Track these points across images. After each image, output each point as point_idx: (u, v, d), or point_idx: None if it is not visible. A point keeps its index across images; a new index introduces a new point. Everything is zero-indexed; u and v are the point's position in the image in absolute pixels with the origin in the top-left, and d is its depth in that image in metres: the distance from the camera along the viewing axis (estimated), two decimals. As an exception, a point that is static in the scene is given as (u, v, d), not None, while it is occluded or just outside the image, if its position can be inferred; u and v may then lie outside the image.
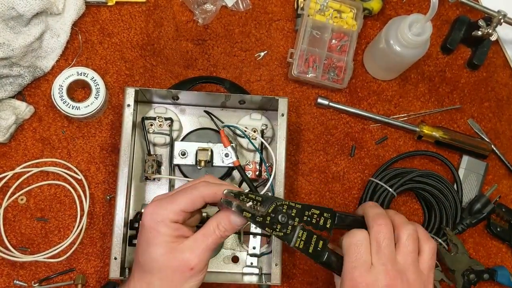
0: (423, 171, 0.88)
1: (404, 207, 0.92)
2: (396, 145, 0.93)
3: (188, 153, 0.81)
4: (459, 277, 0.86)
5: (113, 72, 0.89)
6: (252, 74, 0.92)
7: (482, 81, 0.97)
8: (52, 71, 0.87)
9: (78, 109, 0.83)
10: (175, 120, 0.83)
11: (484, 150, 0.92)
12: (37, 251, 0.84)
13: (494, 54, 0.97)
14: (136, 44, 0.90)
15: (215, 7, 0.91)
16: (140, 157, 0.84)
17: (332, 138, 0.92)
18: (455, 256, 0.86)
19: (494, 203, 0.91)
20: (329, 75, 0.90)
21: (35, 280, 0.83)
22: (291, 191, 0.90)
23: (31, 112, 0.86)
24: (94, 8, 0.90)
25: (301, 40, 0.89)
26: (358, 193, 0.91)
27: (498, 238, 0.92)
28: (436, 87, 0.95)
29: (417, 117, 0.94)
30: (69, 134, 0.87)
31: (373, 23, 0.96)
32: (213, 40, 0.92)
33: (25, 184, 0.85)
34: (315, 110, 0.92)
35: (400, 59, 0.85)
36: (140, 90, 0.79)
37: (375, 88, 0.94)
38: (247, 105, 0.84)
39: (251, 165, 0.82)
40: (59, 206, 0.85)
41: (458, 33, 0.95)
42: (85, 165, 0.87)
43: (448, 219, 0.88)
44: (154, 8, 0.91)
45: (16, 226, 0.84)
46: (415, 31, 0.80)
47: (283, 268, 0.87)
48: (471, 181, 0.92)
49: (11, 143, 0.86)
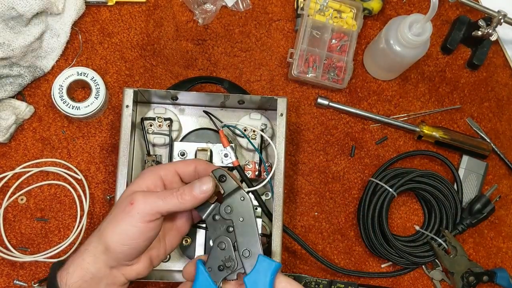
0: (423, 171, 0.88)
1: (404, 207, 0.92)
2: (396, 145, 0.93)
3: (188, 154, 0.81)
4: (459, 279, 0.86)
5: (113, 72, 0.89)
6: (252, 74, 0.92)
7: (482, 81, 0.97)
8: (52, 71, 0.88)
9: (78, 109, 0.83)
10: (174, 120, 0.83)
11: (484, 150, 0.92)
12: (37, 251, 0.84)
13: (494, 54, 0.97)
14: (136, 44, 0.90)
15: (215, 7, 0.91)
16: (139, 158, 0.84)
17: (332, 138, 0.92)
18: (454, 258, 0.86)
19: (494, 203, 0.91)
20: (329, 75, 0.90)
21: (35, 280, 0.83)
22: (291, 191, 0.90)
23: (31, 112, 0.86)
24: (94, 8, 0.90)
25: (301, 40, 0.89)
26: (358, 193, 0.91)
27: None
28: (436, 87, 0.95)
29: (417, 117, 0.94)
30: (69, 134, 0.87)
31: (373, 23, 0.96)
32: (213, 40, 0.92)
33: (25, 184, 0.85)
34: (315, 110, 0.92)
35: (400, 59, 0.85)
36: (139, 91, 0.79)
37: (375, 88, 0.94)
38: (246, 105, 0.84)
39: (250, 165, 0.82)
40: (59, 206, 0.85)
41: (458, 33, 0.95)
42: (85, 165, 0.87)
43: (448, 219, 0.88)
44: (154, 8, 0.91)
45: (16, 226, 0.84)
46: (415, 31, 0.80)
47: (283, 268, 0.87)
48: (471, 181, 0.92)
49: (11, 143, 0.86)
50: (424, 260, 0.87)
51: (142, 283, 0.85)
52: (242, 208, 0.64)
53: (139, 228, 0.60)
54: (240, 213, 0.64)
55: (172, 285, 0.86)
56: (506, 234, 0.93)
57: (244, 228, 0.64)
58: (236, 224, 0.64)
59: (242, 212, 0.64)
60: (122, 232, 0.59)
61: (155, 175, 0.64)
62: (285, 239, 0.87)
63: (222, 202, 0.64)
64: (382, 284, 0.89)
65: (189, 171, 0.66)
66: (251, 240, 0.63)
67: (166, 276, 0.79)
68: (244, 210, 0.64)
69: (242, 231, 0.63)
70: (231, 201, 0.64)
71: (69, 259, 0.61)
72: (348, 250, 0.90)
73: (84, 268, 0.59)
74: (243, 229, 0.64)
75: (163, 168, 0.65)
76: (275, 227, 0.76)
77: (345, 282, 0.86)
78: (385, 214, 0.86)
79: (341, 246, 0.90)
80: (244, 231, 0.63)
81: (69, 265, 0.60)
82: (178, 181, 0.66)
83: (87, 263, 0.60)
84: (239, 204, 0.64)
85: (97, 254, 0.60)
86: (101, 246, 0.60)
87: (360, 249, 0.90)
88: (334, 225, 0.90)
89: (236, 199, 0.64)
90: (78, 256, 0.60)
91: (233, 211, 0.64)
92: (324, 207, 0.90)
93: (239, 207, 0.64)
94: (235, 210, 0.64)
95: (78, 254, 0.61)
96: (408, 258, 0.86)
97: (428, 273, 0.90)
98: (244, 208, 0.64)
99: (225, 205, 0.64)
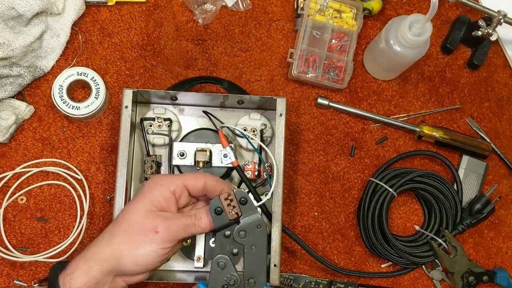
0: (423, 171, 0.88)
1: (404, 207, 0.92)
2: (396, 145, 0.93)
3: (187, 154, 0.80)
4: (459, 279, 0.86)
5: (113, 72, 0.89)
6: (252, 74, 0.92)
7: (482, 81, 0.96)
8: (52, 71, 0.88)
9: (78, 109, 0.83)
10: (174, 121, 0.83)
11: (484, 150, 0.92)
12: (37, 251, 0.84)
13: (494, 54, 0.97)
14: (136, 44, 0.90)
15: (215, 7, 0.91)
16: (139, 158, 0.84)
17: (332, 138, 0.92)
18: (454, 258, 0.86)
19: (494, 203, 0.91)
20: (329, 75, 0.90)
21: (35, 280, 0.83)
22: (291, 191, 0.90)
23: (31, 112, 0.86)
24: (94, 8, 0.90)
25: (301, 40, 0.89)
26: (358, 193, 0.91)
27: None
28: (436, 87, 0.95)
29: (417, 117, 0.94)
30: (69, 134, 0.87)
31: (373, 23, 0.95)
32: (213, 40, 0.92)
33: (25, 184, 0.85)
34: (315, 110, 0.92)
35: (400, 59, 0.85)
36: (138, 91, 0.79)
37: (375, 88, 0.94)
38: (246, 105, 0.84)
39: (250, 165, 0.82)
40: (59, 206, 0.85)
41: (458, 33, 0.95)
42: (85, 165, 0.87)
43: (448, 219, 0.88)
44: (154, 8, 0.91)
45: (16, 226, 0.84)
46: (415, 31, 0.80)
47: (283, 268, 0.87)
48: (471, 181, 0.92)
49: (11, 143, 0.86)
50: (424, 260, 0.87)
51: (142, 283, 0.85)
52: (256, 236, 0.64)
53: (158, 252, 0.62)
54: (253, 240, 0.64)
55: (172, 285, 0.86)
56: (506, 234, 0.93)
57: (254, 256, 0.63)
58: (248, 251, 0.64)
59: (255, 240, 0.64)
60: (140, 255, 0.61)
61: (167, 192, 0.64)
62: (285, 239, 0.87)
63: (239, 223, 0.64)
64: (382, 284, 0.89)
65: (199, 186, 0.66)
66: (259, 270, 0.63)
67: (166, 276, 0.79)
68: (258, 239, 0.64)
69: (252, 259, 0.63)
70: (247, 226, 0.64)
71: (72, 263, 0.62)
72: (348, 250, 0.90)
73: (90, 275, 0.60)
74: (254, 257, 0.63)
75: (173, 183, 0.65)
76: (275, 227, 0.76)
77: (345, 282, 0.86)
78: (385, 214, 0.86)
79: (341, 246, 0.90)
80: (254, 259, 0.63)
81: (73, 270, 0.61)
82: (186, 195, 0.66)
83: (94, 271, 0.60)
84: (255, 231, 0.64)
85: (105, 265, 0.61)
86: (113, 261, 0.61)
87: (360, 249, 0.90)
88: (334, 225, 0.90)
89: (253, 225, 0.64)
90: (84, 263, 0.61)
91: (247, 236, 0.64)
92: (324, 207, 0.90)
93: (254, 234, 0.64)
94: (249, 236, 0.64)
95: (83, 260, 0.61)
96: (408, 258, 0.86)
97: (428, 273, 0.90)
98: (259, 237, 0.64)
99: (240, 229, 0.64)
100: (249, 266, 0.63)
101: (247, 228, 0.64)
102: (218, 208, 0.63)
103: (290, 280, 0.85)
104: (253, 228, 0.64)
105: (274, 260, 0.76)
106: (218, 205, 0.64)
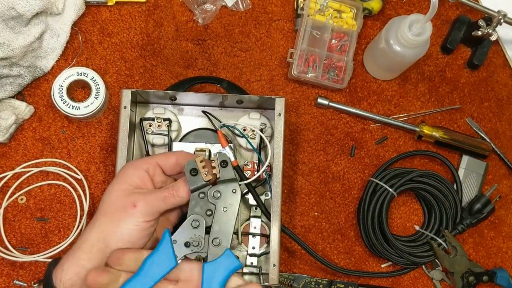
0: (423, 171, 0.88)
1: (404, 207, 0.92)
2: (396, 145, 0.93)
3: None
4: (459, 279, 0.86)
5: (113, 72, 0.89)
6: (252, 74, 0.92)
7: (482, 81, 0.96)
8: (52, 71, 0.88)
9: (78, 109, 0.83)
10: (173, 121, 0.83)
11: (484, 150, 0.92)
12: (37, 251, 0.84)
13: (494, 54, 0.97)
14: (136, 44, 0.91)
15: (215, 7, 0.91)
16: (139, 158, 0.84)
17: (332, 138, 0.92)
18: (454, 258, 0.86)
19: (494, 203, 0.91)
20: (329, 75, 0.90)
21: (35, 280, 0.83)
22: (291, 191, 0.90)
23: (31, 112, 0.86)
24: (94, 8, 0.90)
25: (301, 40, 0.89)
26: (358, 193, 0.91)
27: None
28: (436, 87, 0.95)
29: (417, 117, 0.94)
30: (69, 134, 0.87)
31: (373, 23, 0.95)
32: (213, 40, 0.92)
33: (25, 184, 0.85)
34: (315, 110, 0.92)
35: (400, 59, 0.85)
36: (137, 92, 0.79)
37: (375, 88, 0.94)
38: (245, 105, 0.84)
39: (249, 165, 0.82)
40: (59, 206, 0.85)
41: (458, 33, 0.95)
42: (85, 165, 0.87)
43: (448, 219, 0.88)
44: (154, 8, 0.92)
45: (16, 226, 0.84)
46: (415, 31, 0.80)
47: (283, 267, 0.87)
48: (471, 181, 0.92)
49: (11, 143, 0.86)
50: (424, 260, 0.87)
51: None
52: (230, 199, 0.65)
53: (141, 226, 0.62)
54: (226, 202, 0.65)
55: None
56: (506, 234, 0.93)
57: (223, 218, 0.64)
58: (218, 211, 0.65)
59: (228, 202, 0.65)
60: (124, 232, 0.62)
61: (140, 170, 0.65)
62: (285, 239, 0.87)
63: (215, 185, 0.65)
64: (382, 284, 0.89)
65: (170, 163, 0.67)
66: (226, 232, 0.64)
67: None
68: (231, 202, 0.65)
69: (220, 220, 0.64)
70: (223, 188, 0.65)
71: (63, 257, 0.62)
72: (348, 250, 0.90)
73: (80, 265, 0.60)
74: (222, 218, 0.64)
75: (145, 162, 0.66)
76: (273, 227, 0.76)
77: (345, 282, 0.86)
78: (385, 214, 0.86)
79: (341, 246, 0.90)
80: (223, 221, 0.64)
81: (63, 262, 0.61)
82: (160, 173, 0.67)
83: (82, 259, 0.60)
84: (229, 194, 0.65)
85: (93, 251, 0.61)
86: (100, 244, 0.61)
87: (360, 249, 0.90)
88: (334, 225, 0.90)
89: (228, 188, 0.65)
90: (72, 254, 0.61)
91: (220, 197, 0.65)
92: (324, 207, 0.90)
93: (228, 197, 0.65)
94: (223, 197, 0.65)
95: (72, 252, 0.62)
96: (408, 258, 0.86)
97: (428, 273, 0.90)
98: (232, 200, 0.65)
99: (215, 189, 0.65)
100: (216, 226, 0.64)
101: (222, 190, 0.65)
102: (193, 170, 0.64)
103: (290, 280, 0.85)
104: (228, 192, 0.65)
105: (273, 260, 0.76)
106: (193, 166, 0.64)
